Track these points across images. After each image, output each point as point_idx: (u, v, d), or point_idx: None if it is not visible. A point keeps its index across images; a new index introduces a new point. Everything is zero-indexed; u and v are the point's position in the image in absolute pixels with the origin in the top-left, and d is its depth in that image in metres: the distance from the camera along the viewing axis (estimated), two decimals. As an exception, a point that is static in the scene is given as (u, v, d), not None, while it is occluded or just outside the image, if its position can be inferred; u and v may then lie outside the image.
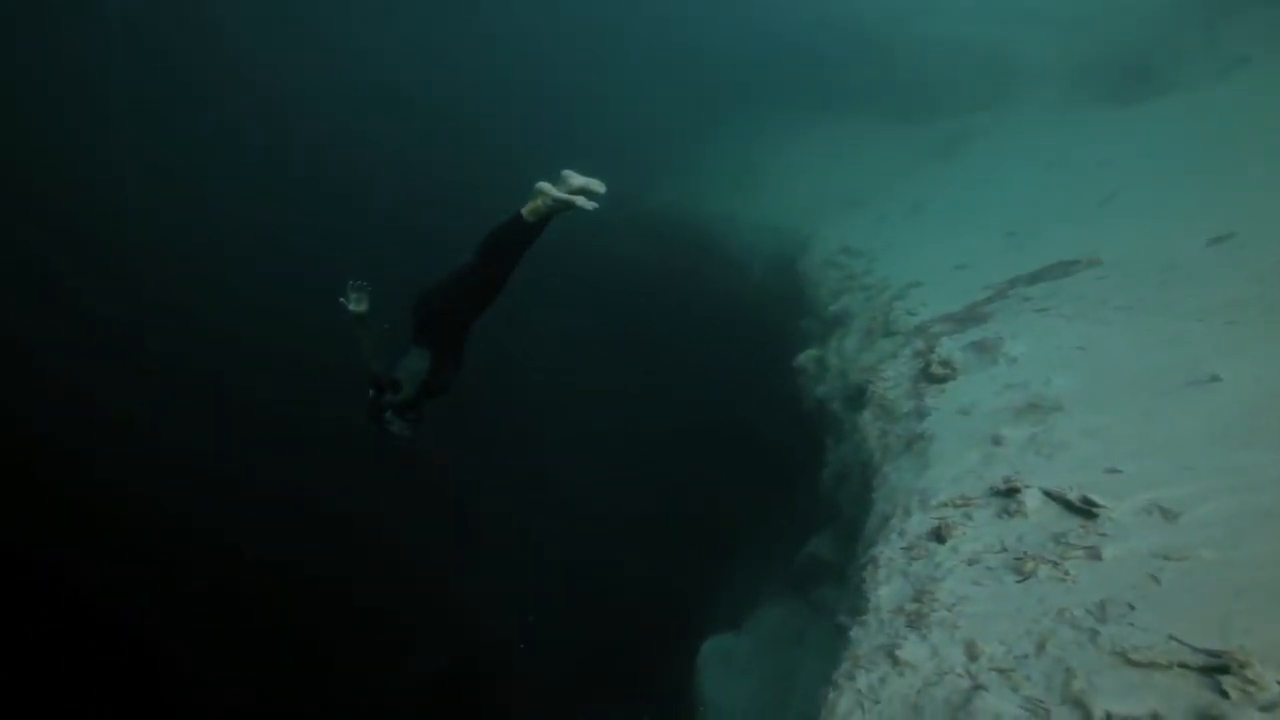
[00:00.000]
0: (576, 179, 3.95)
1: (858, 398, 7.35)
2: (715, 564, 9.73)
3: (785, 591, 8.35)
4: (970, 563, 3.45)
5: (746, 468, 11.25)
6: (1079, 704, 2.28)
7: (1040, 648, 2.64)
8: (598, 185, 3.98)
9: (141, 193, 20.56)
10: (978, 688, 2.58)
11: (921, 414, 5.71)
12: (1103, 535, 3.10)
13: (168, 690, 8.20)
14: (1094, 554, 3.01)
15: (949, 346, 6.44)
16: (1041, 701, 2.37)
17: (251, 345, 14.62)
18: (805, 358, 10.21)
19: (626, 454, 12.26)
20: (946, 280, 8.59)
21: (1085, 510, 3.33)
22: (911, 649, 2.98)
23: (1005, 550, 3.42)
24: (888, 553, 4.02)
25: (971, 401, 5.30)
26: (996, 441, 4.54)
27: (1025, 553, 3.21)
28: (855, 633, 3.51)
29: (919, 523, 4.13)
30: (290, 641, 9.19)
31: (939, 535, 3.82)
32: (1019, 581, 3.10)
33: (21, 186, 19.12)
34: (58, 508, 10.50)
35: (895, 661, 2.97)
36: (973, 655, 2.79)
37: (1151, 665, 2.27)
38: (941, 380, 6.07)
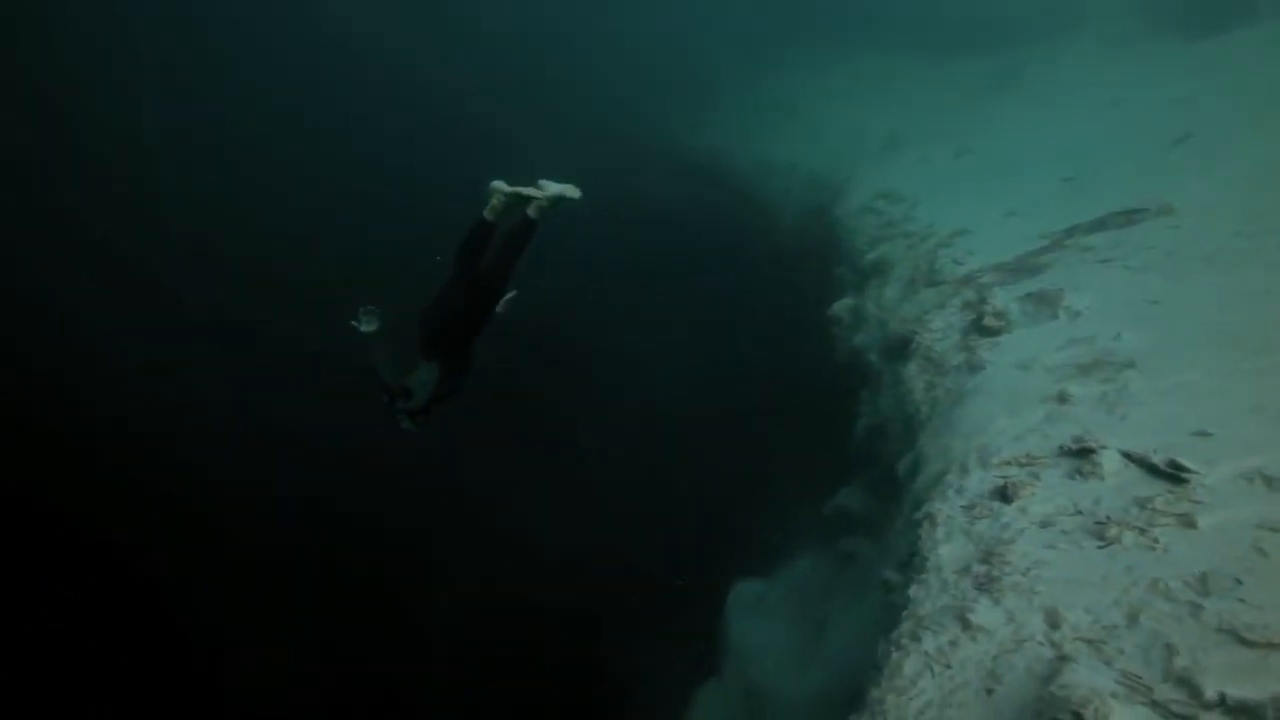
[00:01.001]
0: (552, 187, 4.21)
1: (900, 349, 7.11)
2: (744, 509, 9.70)
3: (814, 541, 8.31)
4: (1043, 525, 3.29)
5: (777, 411, 11.12)
6: (1185, 683, 2.13)
7: (1133, 619, 2.49)
8: (573, 192, 4.22)
9: (161, 115, 20.09)
10: (1064, 658, 2.45)
11: (974, 367, 5.48)
12: (1196, 503, 2.91)
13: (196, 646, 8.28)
14: (1187, 522, 2.83)
15: (1003, 298, 6.14)
16: (1140, 677, 2.23)
17: (284, 283, 14.48)
18: (840, 307, 9.92)
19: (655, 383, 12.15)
20: (996, 228, 8.18)
21: (1172, 475, 3.13)
22: (984, 613, 2.85)
23: (1081, 514, 3.24)
24: (946, 510, 3.87)
25: (1031, 356, 5.05)
26: (1062, 399, 4.31)
27: (1108, 517, 3.04)
28: (914, 591, 3.39)
29: (980, 481, 3.96)
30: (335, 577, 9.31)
31: (1004, 495, 3.65)
32: (1101, 548, 2.93)
33: (41, 106, 18.77)
34: (90, 462, 10.54)
35: (966, 625, 2.84)
36: (1054, 623, 2.65)
37: (1270, 646, 2.12)
38: (995, 333, 5.80)
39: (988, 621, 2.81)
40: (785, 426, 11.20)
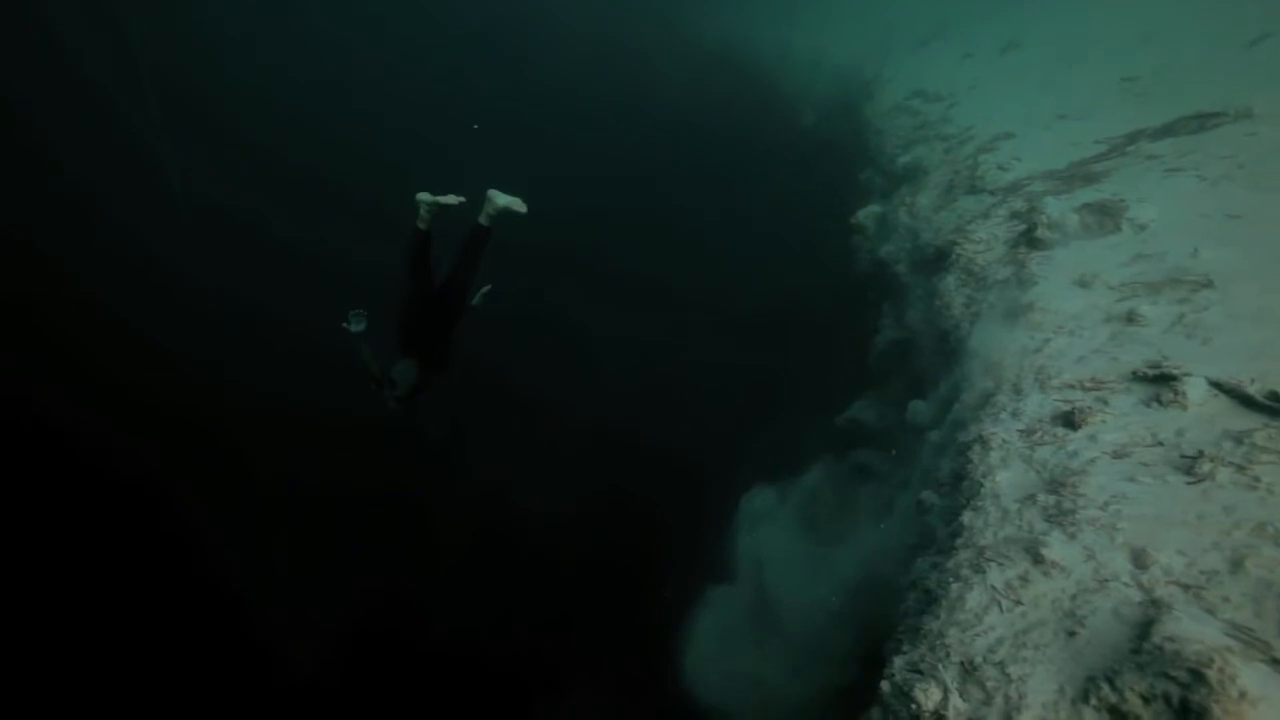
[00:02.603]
0: (500, 199, 4.51)
1: (936, 261, 6.71)
2: (756, 419, 9.58)
3: (826, 452, 8.22)
4: (1117, 456, 3.05)
5: (790, 320, 10.84)
6: (1310, 639, 1.94)
7: (1236, 566, 2.28)
8: (519, 206, 4.52)
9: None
10: (1157, 604, 2.25)
11: (1024, 282, 5.11)
12: (1303, 438, 2.66)
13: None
14: (1294, 460, 2.58)
15: (1057, 208, 5.69)
16: (1252, 630, 2.04)
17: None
18: (865, 214, 9.39)
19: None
20: (1046, 131, 7.58)
21: (1271, 407, 2.86)
22: (1059, 548, 2.64)
23: (1162, 445, 3.00)
24: (1000, 434, 3.63)
25: (1091, 272, 4.67)
26: (1130, 319, 3.99)
27: (1201, 451, 2.78)
28: (970, 519, 3.20)
29: (1038, 404, 3.70)
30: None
31: (1070, 420, 3.40)
32: (1191, 484, 2.70)
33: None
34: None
35: (1038, 560, 2.64)
36: (1142, 564, 2.44)
37: None
38: (1048, 245, 5.40)
39: (1063, 557, 2.61)
40: (798, 335, 10.96)
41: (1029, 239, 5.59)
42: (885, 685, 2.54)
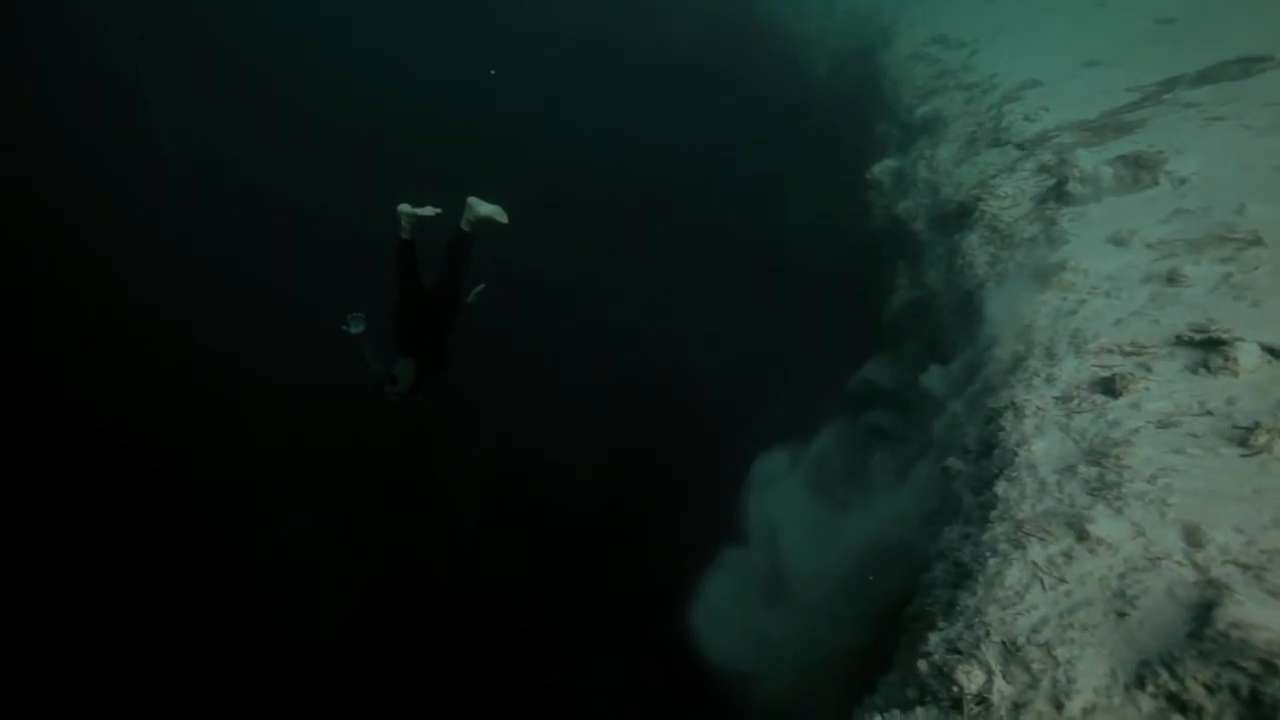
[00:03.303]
0: (481, 208, 4.61)
1: (957, 218, 6.47)
2: (769, 377, 9.46)
3: (838, 412, 8.12)
4: (1162, 425, 2.91)
5: (800, 277, 10.63)
6: (1389, 626, 1.83)
7: (1300, 544, 2.16)
8: (501, 216, 4.62)
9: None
10: (1214, 585, 2.14)
11: (1054, 240, 4.90)
12: (1369, 408, 2.51)
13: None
14: (1359, 431, 2.44)
15: (1090, 161, 5.43)
16: (1323, 615, 1.93)
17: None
18: (881, 169, 9.07)
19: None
20: (1075, 79, 7.25)
21: (1332, 374, 2.71)
22: (1106, 524, 2.53)
23: (1211, 415, 2.86)
24: (1034, 401, 3.48)
25: (1128, 229, 4.46)
26: (1171, 279, 3.80)
27: (1256, 422, 2.64)
28: (1005, 490, 3.08)
29: (1074, 369, 3.55)
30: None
31: (1110, 387, 3.25)
32: (1246, 457, 2.57)
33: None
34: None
35: (1083, 535, 2.53)
36: (1196, 542, 2.33)
37: None
38: (1080, 201, 5.17)
39: (1110, 533, 2.50)
40: (810, 294, 10.76)
41: (1059, 194, 5.35)
42: (923, 664, 2.46)
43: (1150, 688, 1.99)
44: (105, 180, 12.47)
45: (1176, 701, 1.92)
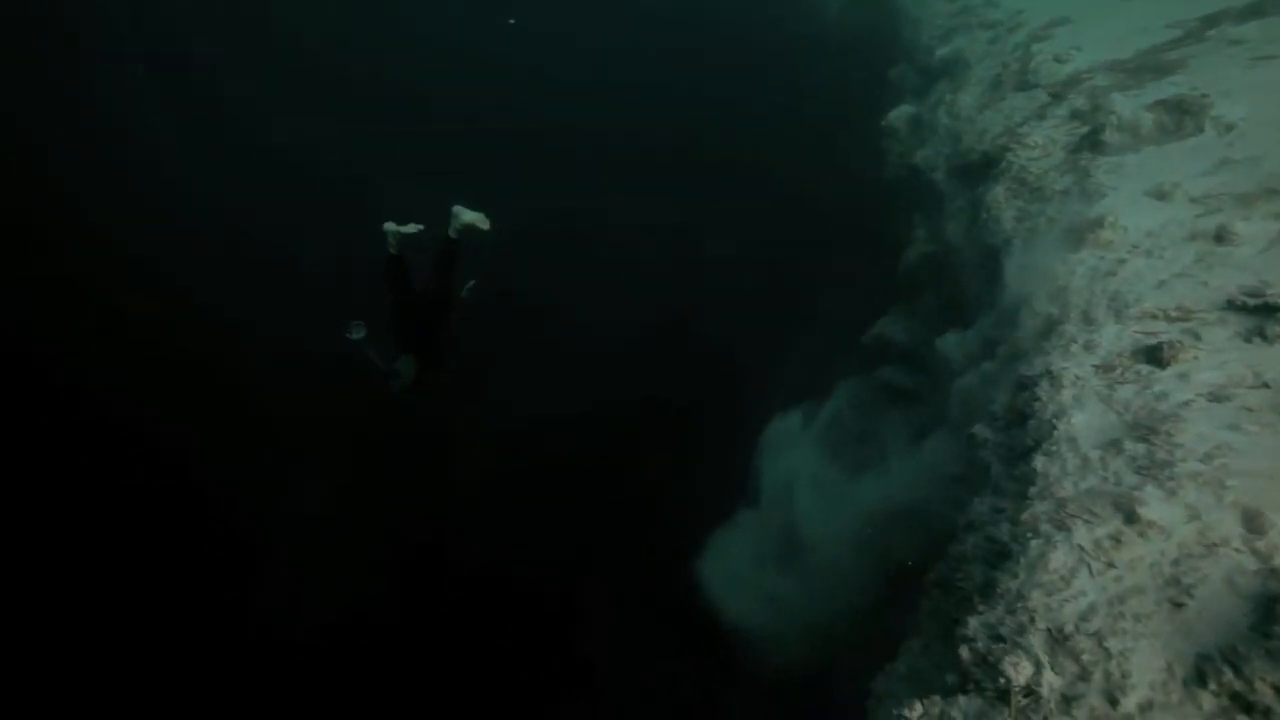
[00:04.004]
0: (465, 215, 4.98)
1: (981, 168, 6.20)
2: (781, 335, 9.30)
3: (851, 368, 7.98)
4: (1215, 399, 2.77)
5: (812, 230, 10.35)
6: None
7: (1374, 531, 2.04)
8: (483, 223, 4.99)
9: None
10: (1277, 574, 2.04)
11: (1089, 194, 4.66)
12: None
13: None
14: None
15: (1127, 106, 5.14)
16: (1402, 610, 1.83)
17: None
18: (897, 115, 8.71)
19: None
20: (1109, 15, 6.85)
21: (1403, 344, 2.55)
22: (1157, 506, 2.41)
23: (1268, 387, 2.71)
24: (1072, 369, 3.33)
25: (1170, 181, 4.23)
26: (1220, 237, 3.60)
27: (1321, 397, 2.50)
28: (1044, 465, 2.96)
29: (1115, 335, 3.39)
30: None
31: (1155, 356, 3.09)
32: (1309, 433, 2.43)
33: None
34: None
35: (1133, 519, 2.42)
36: (1256, 527, 2.22)
37: None
38: (1117, 151, 4.91)
39: (1162, 516, 2.38)
40: (820, 247, 10.50)
41: (1093, 143, 5.08)
42: (965, 652, 2.38)
43: (1212, 685, 1.90)
44: (116, 154, 12.18)
45: (1241, 701, 1.84)
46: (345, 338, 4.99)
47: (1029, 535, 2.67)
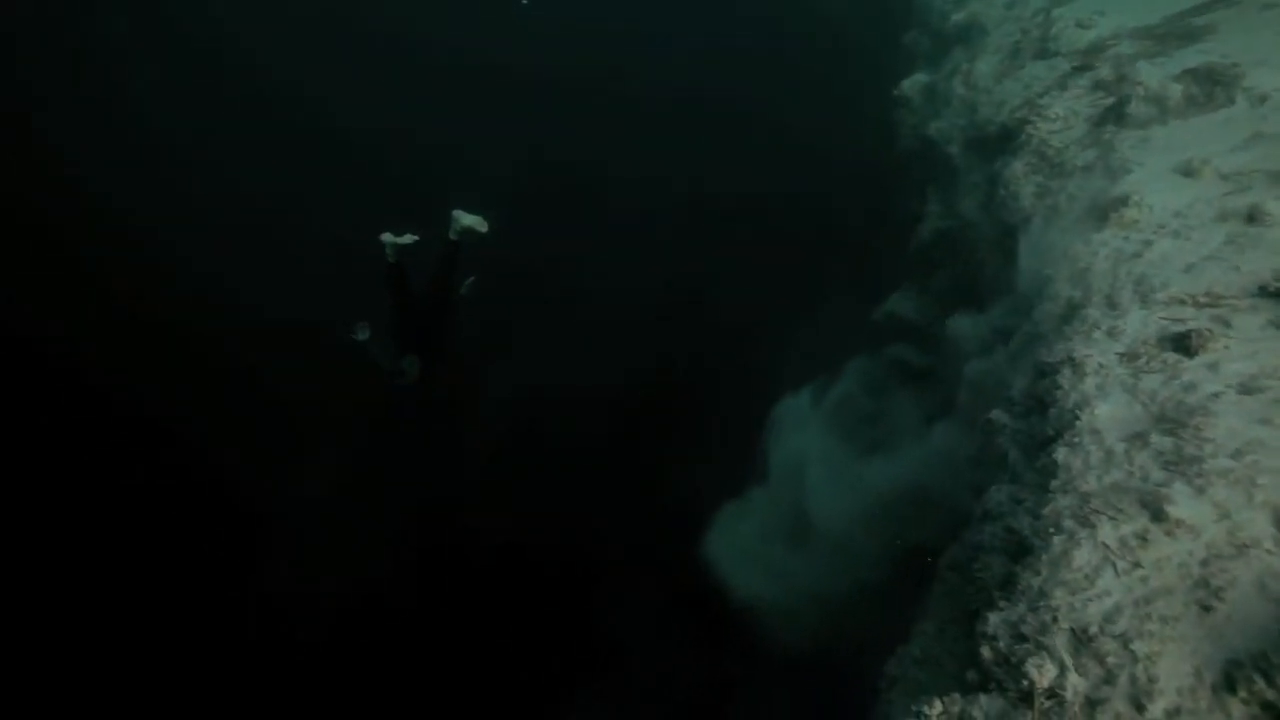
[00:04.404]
0: (464, 219, 5.26)
1: (999, 140, 6.03)
2: (789, 316, 9.21)
3: (862, 349, 7.91)
4: (1246, 391, 2.69)
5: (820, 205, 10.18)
6: None
7: None
8: (481, 226, 5.29)
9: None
10: (1314, 578, 1.99)
11: (1113, 170, 4.53)
12: None
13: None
14: None
15: (1154, 75, 4.96)
16: None
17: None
18: (911, 85, 8.48)
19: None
20: (1135, -22, 6.56)
21: None
22: (1186, 504, 2.36)
23: (1302, 378, 2.63)
24: (1095, 356, 3.25)
25: (1199, 156, 4.09)
26: (1253, 218, 3.49)
27: (1359, 392, 2.42)
28: (1065, 457, 2.91)
29: (1141, 322, 3.30)
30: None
31: (1183, 344, 3.01)
32: (1346, 430, 2.36)
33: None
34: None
35: (1160, 517, 2.37)
36: (1290, 528, 2.16)
37: None
38: (1143, 124, 4.75)
39: (1191, 515, 2.33)
40: (829, 222, 10.34)
41: (1118, 115, 4.92)
42: (986, 651, 2.36)
43: (1242, 693, 1.87)
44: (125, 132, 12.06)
45: (1273, 710, 1.81)
46: (350, 338, 5.25)
47: (1051, 530, 2.62)
